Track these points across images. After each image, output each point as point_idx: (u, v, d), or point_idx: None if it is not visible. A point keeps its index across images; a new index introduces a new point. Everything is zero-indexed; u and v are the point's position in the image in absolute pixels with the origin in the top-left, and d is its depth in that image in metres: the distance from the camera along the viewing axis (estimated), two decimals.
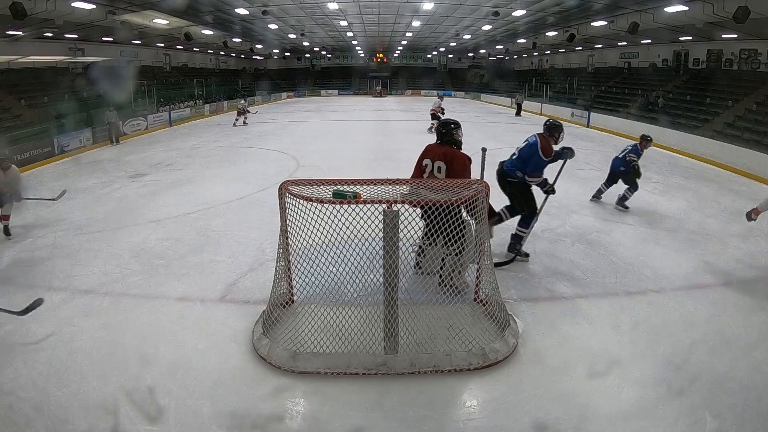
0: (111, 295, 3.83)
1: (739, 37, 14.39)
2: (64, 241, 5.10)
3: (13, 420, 2.46)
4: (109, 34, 16.21)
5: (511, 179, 4.32)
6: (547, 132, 4.42)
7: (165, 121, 17.10)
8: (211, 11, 16.92)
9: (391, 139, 13.39)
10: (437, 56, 37.54)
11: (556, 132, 4.41)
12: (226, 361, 2.97)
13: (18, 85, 14.78)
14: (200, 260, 4.53)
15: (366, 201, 2.84)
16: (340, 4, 17.59)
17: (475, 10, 17.91)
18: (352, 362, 2.86)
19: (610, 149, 11.75)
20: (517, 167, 4.29)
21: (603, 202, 6.42)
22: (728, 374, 2.83)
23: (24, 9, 9.98)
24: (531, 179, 4.27)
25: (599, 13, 15.63)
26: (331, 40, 29.73)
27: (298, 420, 2.55)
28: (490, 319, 3.25)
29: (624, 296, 3.88)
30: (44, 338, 3.20)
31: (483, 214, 3.21)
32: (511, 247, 4.38)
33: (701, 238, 5.20)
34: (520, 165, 4.27)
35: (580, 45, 21.75)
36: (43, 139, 10.90)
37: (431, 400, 2.64)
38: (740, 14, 10.40)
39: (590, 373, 2.87)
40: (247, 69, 35.08)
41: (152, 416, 2.49)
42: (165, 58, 24.54)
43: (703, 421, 2.46)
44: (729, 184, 8.09)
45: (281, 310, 3.38)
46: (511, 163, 4.33)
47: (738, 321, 3.47)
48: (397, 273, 2.85)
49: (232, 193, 6.98)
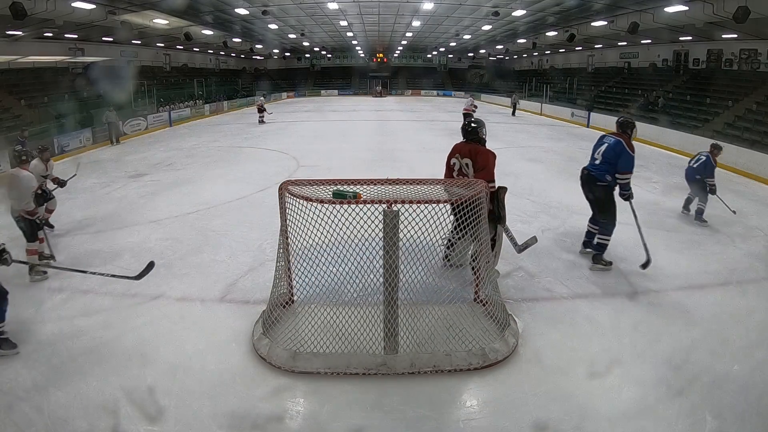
0: (111, 295, 3.83)
1: (739, 37, 14.39)
2: (64, 241, 5.10)
3: (13, 420, 2.46)
4: (109, 34, 16.21)
5: (600, 183, 4.26)
6: (621, 129, 4.36)
7: (165, 121, 17.11)
8: (211, 11, 16.92)
9: (391, 139, 13.39)
10: (437, 56, 37.54)
11: (629, 128, 4.36)
12: (226, 361, 2.97)
13: (18, 85, 14.79)
14: (200, 260, 4.53)
15: (366, 201, 2.84)
16: (340, 4, 17.59)
17: (475, 10, 17.90)
18: (352, 362, 2.86)
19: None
20: (605, 171, 4.22)
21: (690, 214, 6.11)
22: (728, 374, 2.83)
23: (24, 9, 9.98)
24: (622, 177, 4.19)
25: (599, 13, 15.63)
26: (331, 40, 29.73)
27: (298, 420, 2.55)
28: (490, 319, 3.25)
29: (624, 296, 3.87)
30: (44, 338, 3.20)
31: (484, 214, 3.23)
32: (597, 258, 4.33)
33: (701, 238, 5.20)
34: (608, 167, 4.20)
35: (580, 45, 21.75)
36: (43, 139, 10.90)
37: (431, 400, 2.64)
38: (740, 14, 10.40)
39: (590, 373, 2.87)
40: (247, 69, 35.08)
41: (152, 416, 2.49)
42: (165, 58, 24.54)
43: (703, 421, 2.46)
44: (729, 184, 8.08)
45: (281, 310, 3.38)
46: (598, 167, 4.27)
47: (738, 321, 3.47)
48: (397, 273, 2.85)
49: (232, 193, 6.98)
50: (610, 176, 4.19)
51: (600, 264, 4.31)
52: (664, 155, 10.82)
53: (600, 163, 4.24)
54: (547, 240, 5.05)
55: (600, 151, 4.27)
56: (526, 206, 6.22)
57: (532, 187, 7.18)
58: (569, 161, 9.77)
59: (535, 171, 8.36)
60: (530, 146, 10.89)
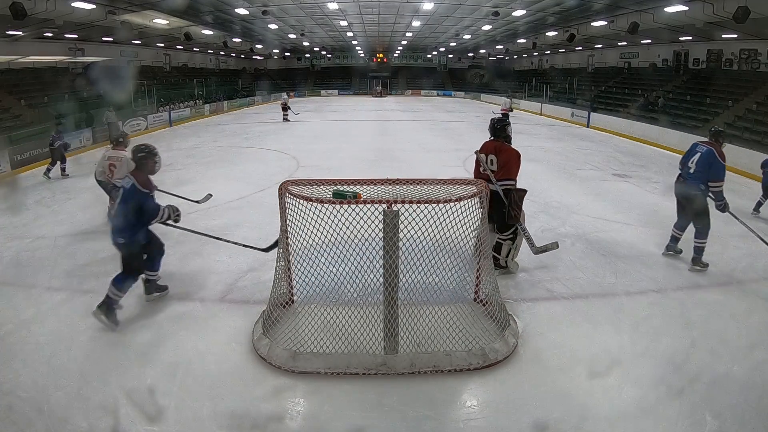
0: None
1: (739, 37, 14.40)
2: (64, 241, 5.10)
3: (13, 420, 2.46)
4: (109, 34, 16.22)
5: (697, 192, 4.35)
6: (713, 138, 4.49)
7: (165, 121, 17.11)
8: (211, 11, 16.93)
9: (391, 139, 13.39)
10: (437, 56, 37.54)
11: (721, 137, 4.50)
12: (226, 361, 2.97)
13: (18, 85, 14.79)
14: (200, 260, 4.53)
15: (366, 201, 2.84)
16: (340, 4, 17.60)
17: (475, 10, 17.91)
18: (352, 362, 2.86)
19: (610, 149, 11.77)
20: (699, 180, 4.33)
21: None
22: (728, 374, 2.83)
23: (24, 9, 9.99)
24: (715, 186, 4.29)
25: (599, 13, 15.63)
26: (331, 40, 29.74)
27: (298, 420, 2.55)
28: (490, 319, 3.25)
29: (624, 296, 3.87)
30: (44, 338, 3.20)
31: (485, 213, 3.23)
32: (696, 260, 4.40)
33: None
34: (701, 176, 4.31)
35: (580, 45, 21.75)
36: (43, 139, 10.89)
37: (431, 400, 2.64)
38: (740, 14, 10.41)
39: (590, 373, 2.87)
40: (247, 69, 35.09)
41: (152, 416, 2.49)
42: (165, 58, 24.55)
43: (703, 421, 2.46)
44: (729, 184, 8.03)
45: (281, 310, 3.37)
46: (693, 176, 4.38)
47: (738, 321, 3.47)
48: (397, 273, 2.85)
49: (232, 193, 6.97)
50: (704, 185, 4.31)
51: (698, 266, 4.38)
52: (664, 155, 10.82)
53: (694, 171, 4.36)
54: (548, 240, 5.04)
55: (693, 161, 4.40)
56: (526, 206, 6.17)
57: (532, 187, 7.11)
58: (569, 161, 9.78)
59: (535, 171, 8.36)
60: (530, 146, 10.89)
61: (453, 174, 7.15)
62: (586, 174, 8.52)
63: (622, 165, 9.40)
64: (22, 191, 5.80)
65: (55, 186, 7.97)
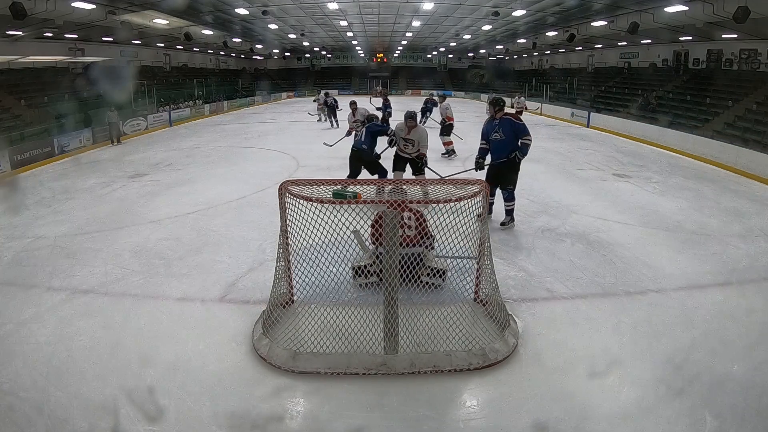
0: (111, 295, 3.83)
1: (739, 37, 14.39)
2: (64, 241, 5.10)
3: (13, 420, 2.46)
4: (109, 34, 16.21)
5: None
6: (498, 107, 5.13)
7: (165, 121, 17.10)
8: (211, 11, 16.92)
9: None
10: (437, 56, 37.52)
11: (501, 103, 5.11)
12: (226, 361, 2.97)
13: (18, 85, 14.78)
14: (200, 260, 4.53)
15: (366, 201, 2.84)
16: (340, 4, 17.60)
17: (475, 10, 17.91)
18: (352, 362, 2.86)
19: (610, 149, 11.77)
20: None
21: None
22: (728, 374, 2.83)
23: (24, 9, 9.98)
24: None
25: (599, 13, 15.63)
26: (331, 40, 29.74)
27: (298, 420, 2.55)
28: (490, 319, 3.25)
29: (624, 296, 3.87)
30: (44, 338, 3.20)
31: (485, 213, 3.25)
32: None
33: (701, 238, 5.19)
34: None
35: (580, 45, 21.74)
36: (43, 139, 10.90)
37: (431, 400, 2.64)
38: (740, 14, 10.40)
39: (590, 373, 2.87)
40: (247, 69, 35.07)
41: (152, 416, 2.49)
42: (165, 58, 24.53)
43: (703, 421, 2.46)
44: (729, 184, 8.08)
45: (281, 310, 3.37)
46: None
47: (738, 321, 3.47)
48: (397, 273, 2.85)
49: (232, 193, 6.97)
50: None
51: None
52: (664, 155, 10.81)
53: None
54: (547, 240, 5.05)
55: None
56: (526, 206, 6.21)
57: (532, 187, 7.17)
58: (569, 161, 9.78)
59: (535, 171, 8.35)
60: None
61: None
62: (586, 174, 8.52)
63: (621, 165, 9.39)
64: (22, 191, 5.81)
65: (55, 186, 7.97)
